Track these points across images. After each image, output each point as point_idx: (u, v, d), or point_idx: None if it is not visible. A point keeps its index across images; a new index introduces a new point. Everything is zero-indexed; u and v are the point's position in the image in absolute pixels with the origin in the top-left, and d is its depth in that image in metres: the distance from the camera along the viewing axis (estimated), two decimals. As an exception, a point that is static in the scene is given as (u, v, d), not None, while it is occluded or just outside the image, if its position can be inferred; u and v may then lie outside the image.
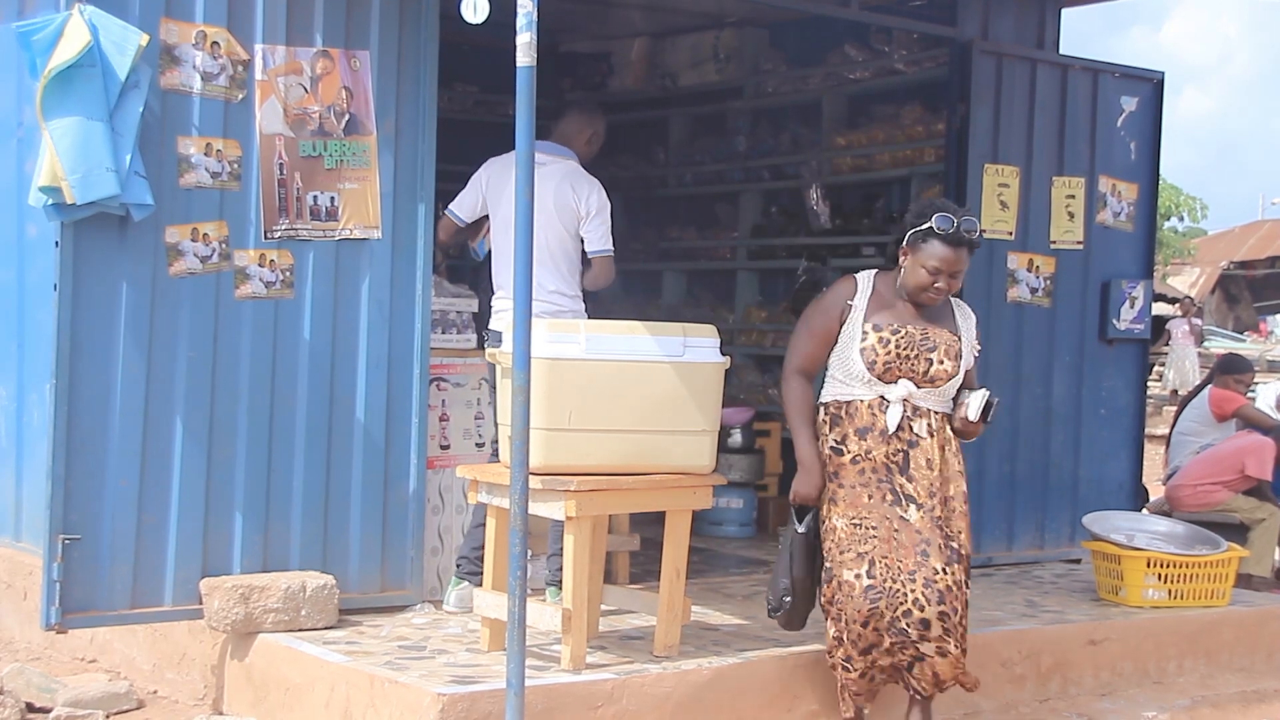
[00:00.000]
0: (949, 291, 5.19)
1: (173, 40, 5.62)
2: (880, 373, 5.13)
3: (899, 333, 5.16)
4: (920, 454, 5.15)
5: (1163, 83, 8.50)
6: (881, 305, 5.23)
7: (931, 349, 5.16)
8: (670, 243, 11.09)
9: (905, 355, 5.14)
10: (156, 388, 5.66)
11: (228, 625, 5.63)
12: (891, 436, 5.13)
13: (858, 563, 5.08)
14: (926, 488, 5.12)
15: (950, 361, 5.17)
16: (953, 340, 5.21)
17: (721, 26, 10.44)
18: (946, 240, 5.11)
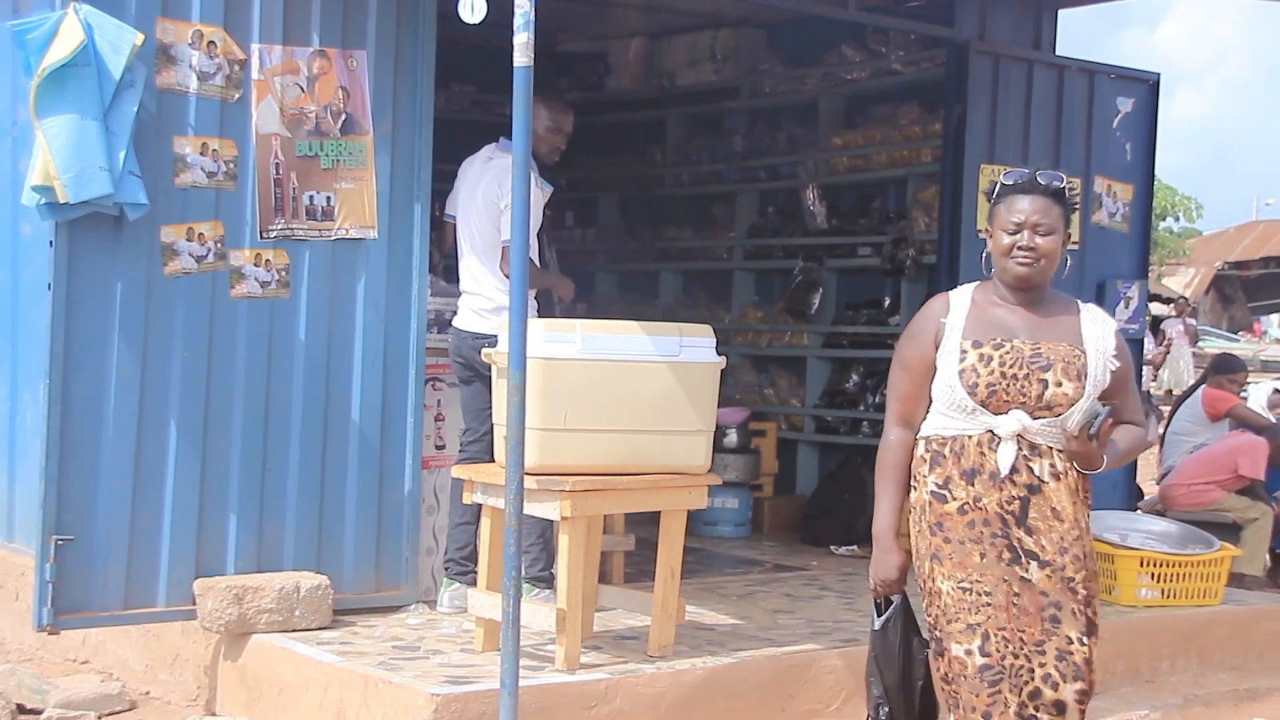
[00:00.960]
0: (1044, 256, 4.03)
1: (169, 39, 5.62)
2: (984, 398, 4.02)
3: (1002, 347, 4.05)
4: (1044, 502, 4.03)
5: (1158, 84, 8.52)
6: (983, 318, 4.12)
7: (1046, 367, 4.01)
8: (667, 243, 11.09)
9: (1013, 375, 4.01)
10: (151, 387, 5.65)
11: (221, 626, 5.62)
12: (1005, 480, 4.02)
13: (968, 636, 4.01)
14: (1055, 543, 4.02)
15: (1071, 383, 4.00)
16: (1074, 355, 4.04)
17: (719, 27, 10.44)
18: (1020, 190, 4.08)
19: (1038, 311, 4.08)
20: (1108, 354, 4.08)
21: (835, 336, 9.76)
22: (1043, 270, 4.04)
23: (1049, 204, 4.04)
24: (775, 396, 10.08)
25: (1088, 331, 4.10)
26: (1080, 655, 4.06)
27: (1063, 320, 4.10)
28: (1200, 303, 33.55)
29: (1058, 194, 4.05)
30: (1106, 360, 4.07)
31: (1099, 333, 4.10)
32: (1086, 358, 4.04)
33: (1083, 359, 4.04)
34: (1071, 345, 4.06)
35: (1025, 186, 4.06)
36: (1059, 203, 4.05)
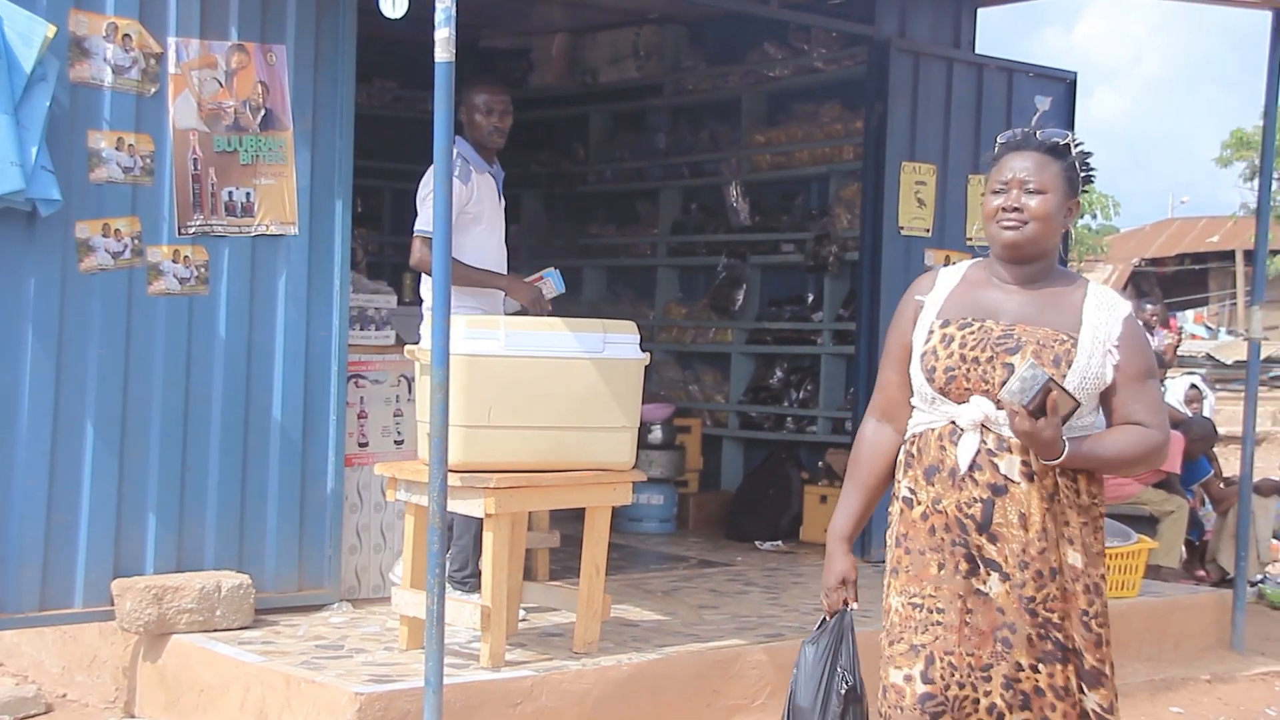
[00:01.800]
0: (1035, 218, 3.47)
1: (82, 32, 5.54)
2: (943, 385, 3.48)
3: (969, 327, 3.51)
4: (1011, 505, 3.45)
5: (1075, 83, 8.62)
6: (966, 296, 3.58)
7: (1013, 349, 3.44)
8: (590, 239, 11.09)
9: (974, 359, 3.46)
10: (67, 386, 5.57)
11: (140, 626, 5.55)
12: (965, 478, 3.47)
13: (910, 659, 3.47)
14: (1017, 554, 3.44)
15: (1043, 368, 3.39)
16: (1056, 339, 3.45)
17: (642, 23, 10.45)
18: (1012, 147, 3.57)
19: (1033, 290, 3.53)
20: (1109, 343, 3.46)
21: (759, 333, 9.80)
22: (1034, 236, 3.48)
23: (1044, 161, 3.51)
24: (700, 393, 10.11)
25: (1089, 316, 3.48)
26: (1029, 684, 3.48)
27: (1061, 302, 3.51)
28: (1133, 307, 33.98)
29: (1055, 150, 3.53)
30: (1106, 351, 3.45)
31: (1102, 318, 3.48)
32: (1076, 345, 3.44)
33: (1068, 345, 3.43)
34: (1057, 329, 3.46)
35: (1018, 143, 3.58)
36: (1057, 159, 3.52)
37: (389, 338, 6.69)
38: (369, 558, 6.43)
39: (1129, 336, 3.48)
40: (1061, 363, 3.41)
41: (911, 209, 7.85)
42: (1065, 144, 3.53)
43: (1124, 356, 3.46)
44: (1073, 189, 3.53)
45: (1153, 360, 3.50)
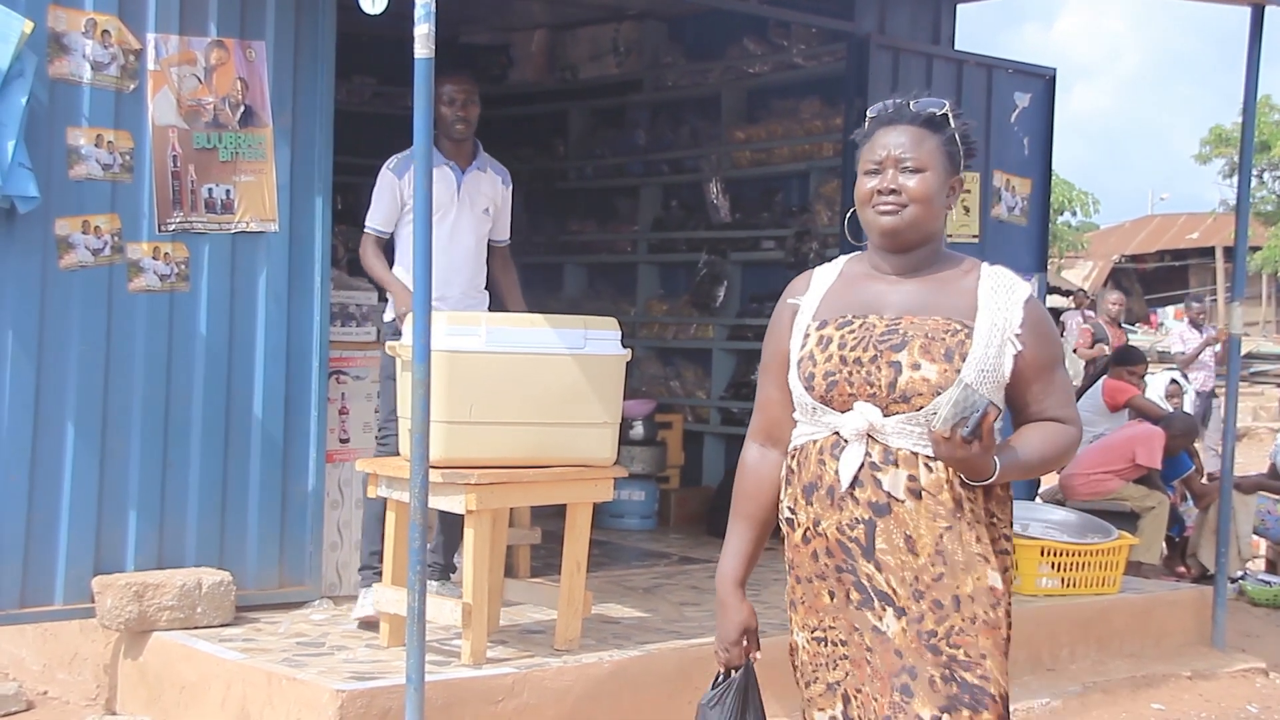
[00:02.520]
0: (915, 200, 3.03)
1: (61, 28, 5.52)
2: (823, 392, 3.02)
3: (849, 325, 3.06)
4: (895, 527, 2.97)
5: (1055, 79, 8.64)
6: (844, 293, 3.13)
7: (899, 346, 2.98)
8: (570, 236, 11.09)
9: (856, 360, 3.00)
10: (47, 382, 5.55)
11: (121, 624, 5.54)
12: (845, 496, 3.00)
13: (830, 700, 3.09)
14: (909, 582, 2.97)
15: (934, 364, 2.95)
16: (946, 329, 2.99)
17: (621, 19, 10.45)
18: (885, 121, 3.13)
19: (918, 279, 3.07)
20: (1009, 330, 3.00)
21: (740, 329, 9.81)
22: (914, 220, 3.04)
23: (921, 135, 3.07)
24: (681, 389, 10.11)
25: (985, 301, 3.02)
26: None
27: (951, 288, 3.05)
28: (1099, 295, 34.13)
29: (932, 123, 3.08)
30: (1007, 338, 2.99)
31: (1000, 303, 3.01)
32: (972, 334, 2.98)
33: (962, 335, 2.98)
34: (948, 318, 3.01)
35: (890, 116, 3.12)
36: (935, 133, 3.08)
37: (370, 334, 6.69)
38: (350, 555, 6.42)
39: (1033, 322, 3.02)
40: (955, 356, 2.94)
41: (892, 205, 7.87)
42: (943, 114, 3.09)
43: (1029, 345, 3.01)
44: (954, 165, 3.09)
45: (1060, 347, 3.11)
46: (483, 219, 6.16)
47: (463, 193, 6.06)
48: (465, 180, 6.09)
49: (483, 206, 6.16)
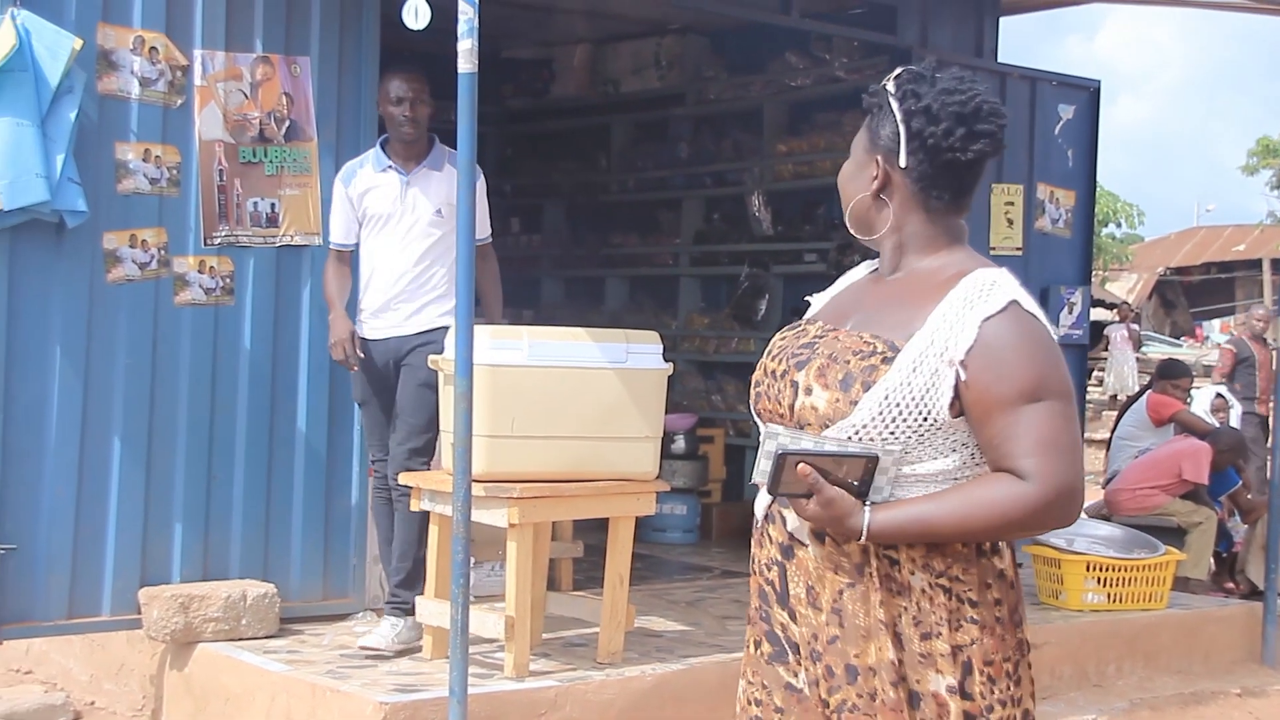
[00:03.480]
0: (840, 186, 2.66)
1: (110, 45, 5.57)
2: (754, 405, 2.64)
3: (791, 332, 2.67)
4: (798, 574, 2.54)
5: (1099, 91, 8.60)
6: (842, 296, 2.72)
7: (804, 362, 2.53)
8: (613, 249, 11.10)
9: (774, 372, 2.58)
10: (94, 395, 5.60)
11: (167, 635, 5.57)
12: (762, 531, 2.62)
13: None
14: (808, 640, 2.52)
15: (827, 391, 2.45)
16: (860, 348, 2.47)
17: (664, 33, 10.46)
18: None
19: (897, 281, 2.58)
20: (949, 355, 2.40)
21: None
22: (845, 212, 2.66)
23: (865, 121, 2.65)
24: (722, 402, 10.10)
25: (936, 318, 2.43)
26: None
27: (915, 297, 2.50)
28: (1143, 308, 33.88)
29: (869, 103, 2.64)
30: (941, 366, 2.40)
31: (949, 321, 2.42)
32: (895, 358, 2.43)
33: (878, 360, 2.44)
34: (875, 335, 2.48)
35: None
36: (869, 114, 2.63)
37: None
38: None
39: (989, 346, 2.39)
40: (855, 384, 2.42)
41: (935, 218, 7.84)
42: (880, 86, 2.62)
43: (979, 375, 2.38)
44: (874, 144, 2.58)
45: (1043, 378, 2.40)
46: (436, 221, 5.68)
47: (408, 197, 5.69)
48: (409, 182, 5.69)
49: (434, 208, 5.69)
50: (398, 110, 5.69)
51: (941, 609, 2.43)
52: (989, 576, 2.46)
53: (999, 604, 2.46)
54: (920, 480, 2.44)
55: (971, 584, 2.44)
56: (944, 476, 2.44)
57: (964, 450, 2.44)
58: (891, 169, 2.55)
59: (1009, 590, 2.49)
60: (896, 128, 2.53)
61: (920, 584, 2.43)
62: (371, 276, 5.74)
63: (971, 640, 2.43)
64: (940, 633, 2.42)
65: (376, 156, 5.73)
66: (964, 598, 2.43)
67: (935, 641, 2.42)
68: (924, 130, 2.50)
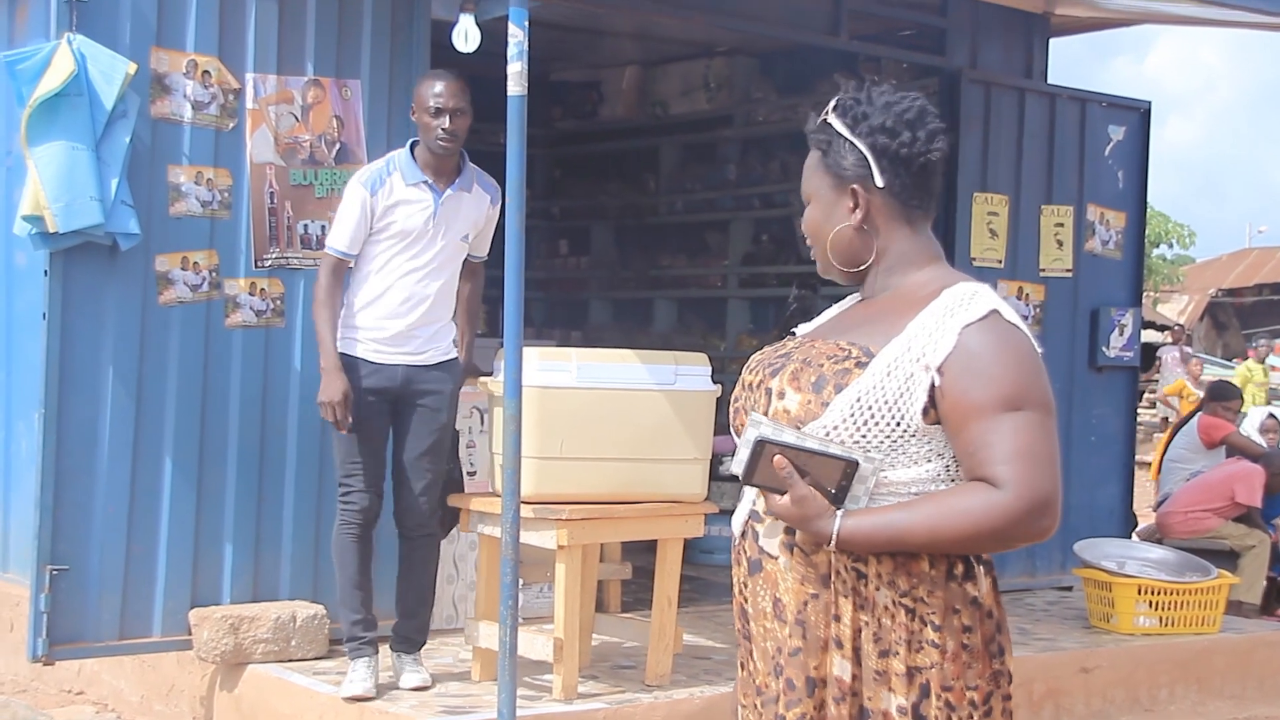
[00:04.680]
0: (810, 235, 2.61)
1: (163, 69, 5.63)
2: (732, 419, 2.61)
3: (773, 348, 2.64)
4: (763, 587, 2.51)
5: (1149, 112, 8.55)
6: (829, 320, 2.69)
7: (777, 370, 2.52)
8: (661, 270, 11.10)
9: (749, 384, 2.57)
10: (146, 416, 5.64)
11: (217, 656, 5.60)
12: (737, 549, 2.60)
13: None
14: (770, 655, 2.49)
15: (800, 394, 2.44)
16: (833, 354, 2.47)
17: (712, 55, 10.47)
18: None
19: (881, 301, 2.55)
20: (925, 360, 2.38)
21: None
22: (821, 258, 2.61)
23: (814, 158, 2.61)
24: (771, 425, 10.06)
25: (916, 326, 2.42)
26: None
27: (897, 310, 2.48)
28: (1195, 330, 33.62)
29: (818, 140, 2.60)
30: (916, 370, 2.38)
31: (927, 327, 2.41)
32: (870, 362, 2.41)
33: (851, 364, 2.42)
34: (850, 342, 2.47)
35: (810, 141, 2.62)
36: (820, 149, 2.58)
37: (462, 369, 6.72)
38: (441, 588, 6.42)
39: (967, 352, 2.37)
40: (827, 387, 2.40)
41: (984, 240, 7.81)
42: (820, 123, 2.58)
43: (955, 380, 2.35)
44: (840, 177, 2.53)
45: (1022, 387, 2.37)
46: (460, 247, 5.38)
47: (439, 217, 5.28)
48: (443, 203, 5.28)
49: (462, 233, 5.36)
50: (435, 121, 5.20)
51: (902, 628, 2.39)
52: (958, 602, 2.41)
53: (968, 631, 2.41)
54: (892, 487, 2.41)
55: (936, 607, 2.39)
56: (917, 485, 2.40)
57: (939, 460, 2.41)
58: (869, 194, 2.52)
59: (983, 619, 2.43)
60: (860, 153, 2.51)
61: (884, 600, 2.39)
62: (384, 296, 5.28)
63: (931, 664, 2.38)
64: (898, 652, 2.38)
65: (408, 166, 5.28)
66: (927, 619, 2.39)
67: (892, 660, 2.38)
68: (889, 145, 2.49)
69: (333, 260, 5.29)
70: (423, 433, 5.35)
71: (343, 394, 5.16)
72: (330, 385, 5.17)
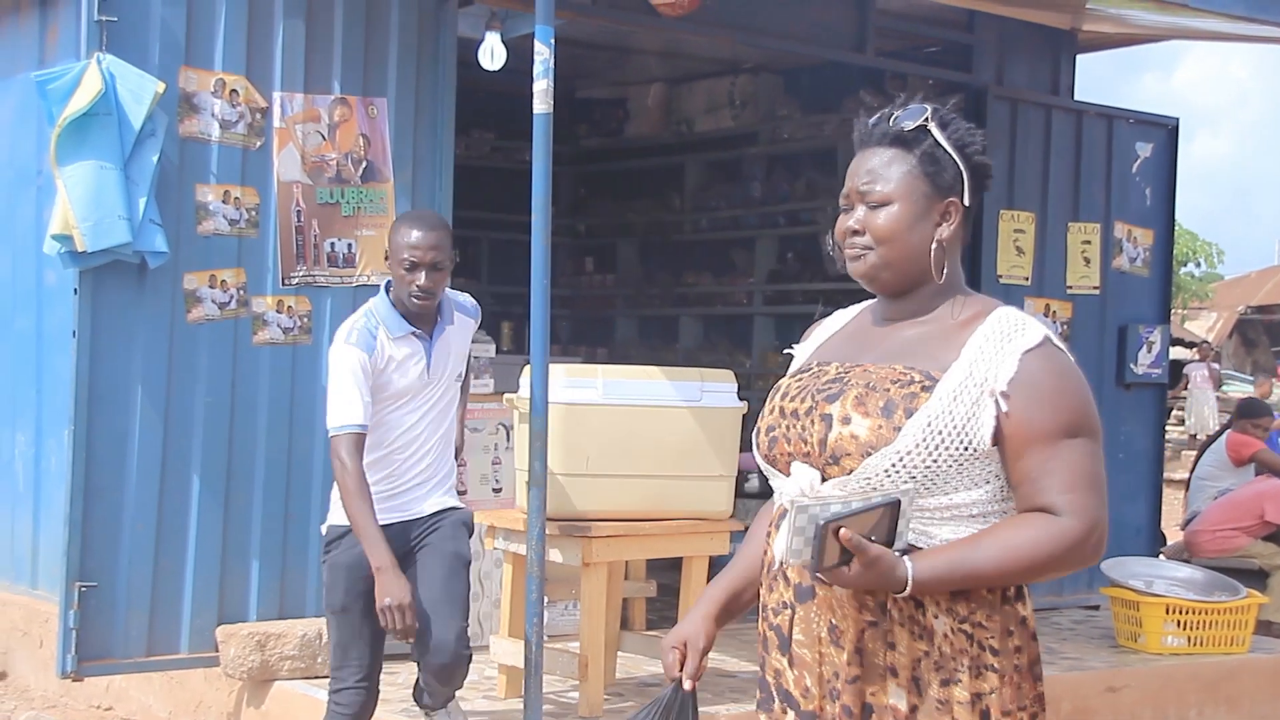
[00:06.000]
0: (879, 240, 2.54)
1: (191, 88, 5.66)
2: (766, 451, 2.56)
3: (807, 372, 2.61)
4: (817, 615, 2.46)
5: (1177, 128, 8.52)
6: (838, 338, 2.70)
7: (834, 396, 2.46)
8: (686, 288, 11.11)
9: (794, 412, 2.51)
10: (174, 434, 5.67)
11: (244, 673, 5.61)
12: (777, 576, 2.53)
13: None
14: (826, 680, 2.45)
15: (868, 419, 2.40)
16: (897, 378, 2.43)
17: (737, 73, 10.49)
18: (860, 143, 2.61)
19: (915, 323, 2.52)
20: (990, 385, 2.37)
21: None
22: (883, 264, 2.53)
23: (892, 158, 2.51)
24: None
25: (971, 349, 2.40)
26: None
27: (943, 335, 2.46)
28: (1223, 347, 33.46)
29: (905, 140, 2.51)
30: (982, 396, 2.37)
31: (988, 352, 2.39)
32: (933, 387, 2.38)
33: (917, 388, 2.39)
34: (910, 367, 2.43)
35: (861, 138, 2.59)
36: (908, 152, 2.51)
37: (487, 386, 6.74)
38: (488, 607, 6.43)
39: (1031, 378, 2.37)
40: (897, 411, 2.37)
41: (1010, 257, 7.79)
42: (918, 127, 2.49)
43: (1020, 406, 2.35)
44: (938, 187, 2.49)
45: (1081, 413, 2.39)
46: (453, 385, 4.78)
47: (434, 365, 4.65)
48: (435, 350, 4.65)
49: (456, 371, 4.76)
50: (410, 276, 4.52)
51: (964, 655, 2.37)
52: (1011, 624, 2.41)
53: (1019, 652, 2.41)
54: (953, 510, 2.39)
55: (994, 630, 2.39)
56: (974, 507, 2.40)
57: (995, 482, 2.41)
58: (951, 210, 2.52)
59: (1030, 640, 2.44)
60: (958, 170, 2.49)
61: (944, 628, 2.38)
62: (382, 460, 4.59)
63: (991, 689, 2.38)
64: (960, 679, 2.37)
65: (391, 318, 4.58)
66: (986, 644, 2.38)
67: (954, 688, 2.37)
68: (984, 172, 2.53)
69: (353, 439, 4.43)
70: (437, 567, 4.56)
71: (409, 595, 4.32)
72: (393, 585, 4.30)
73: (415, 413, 4.63)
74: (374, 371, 4.49)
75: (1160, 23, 8.46)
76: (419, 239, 4.50)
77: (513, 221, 8.84)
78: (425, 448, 4.67)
